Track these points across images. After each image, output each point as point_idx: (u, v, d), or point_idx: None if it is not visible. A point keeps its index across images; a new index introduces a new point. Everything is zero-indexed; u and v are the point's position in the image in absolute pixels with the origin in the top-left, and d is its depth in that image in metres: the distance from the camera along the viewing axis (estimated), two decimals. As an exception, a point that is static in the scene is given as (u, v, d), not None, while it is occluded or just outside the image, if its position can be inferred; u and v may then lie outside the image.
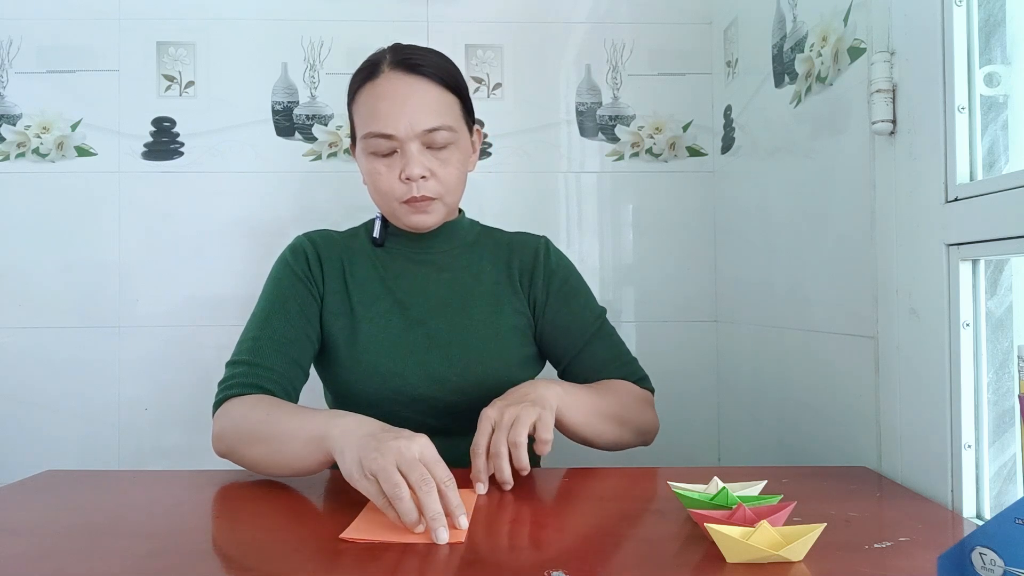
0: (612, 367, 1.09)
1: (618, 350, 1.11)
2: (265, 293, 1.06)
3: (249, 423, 0.90)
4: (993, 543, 0.49)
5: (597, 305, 1.13)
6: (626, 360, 1.10)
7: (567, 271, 1.13)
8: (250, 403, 0.93)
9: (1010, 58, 0.81)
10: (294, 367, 1.01)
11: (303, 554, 0.65)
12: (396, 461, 0.70)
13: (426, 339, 1.04)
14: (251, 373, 0.97)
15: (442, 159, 1.01)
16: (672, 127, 1.59)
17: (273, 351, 0.99)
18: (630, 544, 0.68)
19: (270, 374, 0.98)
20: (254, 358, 0.98)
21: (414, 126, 0.98)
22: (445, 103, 1.01)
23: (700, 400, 1.59)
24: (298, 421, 0.85)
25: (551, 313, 1.10)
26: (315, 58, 1.56)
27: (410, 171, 0.98)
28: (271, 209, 1.56)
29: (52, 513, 0.79)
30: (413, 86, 0.99)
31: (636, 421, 1.03)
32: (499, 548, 0.67)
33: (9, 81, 1.53)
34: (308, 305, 1.05)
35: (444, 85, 1.01)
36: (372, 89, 1.00)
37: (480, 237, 1.14)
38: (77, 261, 1.53)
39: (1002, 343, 0.80)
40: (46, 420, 1.52)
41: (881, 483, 0.89)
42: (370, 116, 1.00)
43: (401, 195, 1.01)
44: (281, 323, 1.01)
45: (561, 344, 1.10)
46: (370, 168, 1.02)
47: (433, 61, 1.02)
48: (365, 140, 1.00)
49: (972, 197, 0.77)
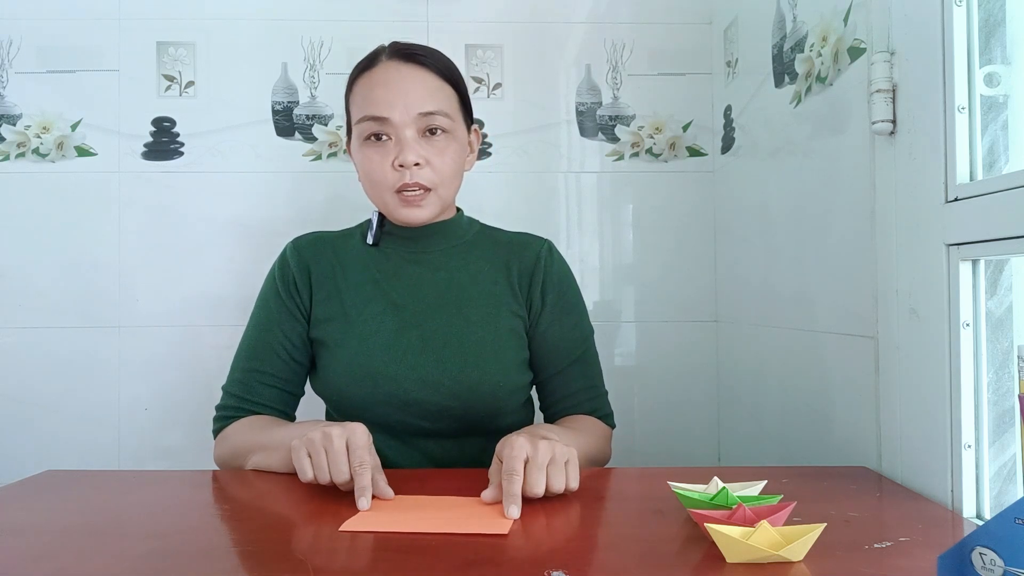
0: (582, 396, 1.10)
1: (594, 381, 1.11)
2: (254, 315, 1.09)
3: (248, 440, 0.98)
4: (993, 543, 0.49)
5: (588, 325, 1.12)
6: (598, 393, 1.11)
7: (566, 283, 1.11)
8: (248, 424, 1.02)
9: (1010, 58, 0.81)
10: (284, 395, 1.06)
11: (304, 552, 0.65)
12: (324, 444, 0.81)
13: (420, 341, 1.03)
14: (241, 408, 1.04)
15: (438, 148, 1.00)
16: (672, 127, 1.59)
17: (261, 384, 1.05)
18: (630, 544, 0.68)
19: (260, 409, 1.04)
20: (244, 391, 1.04)
21: (410, 109, 0.98)
22: (442, 91, 1.01)
23: (700, 400, 1.59)
24: (281, 436, 0.93)
25: (543, 325, 1.08)
26: (315, 58, 1.56)
27: (404, 157, 0.97)
28: (271, 209, 1.56)
29: (52, 513, 0.79)
30: (410, 73, 1.00)
31: (601, 459, 1.08)
32: (499, 548, 0.67)
33: (9, 81, 1.53)
34: (293, 330, 1.06)
35: (442, 76, 1.02)
36: (369, 77, 1.01)
37: (479, 237, 1.12)
38: (77, 261, 1.53)
39: (1002, 343, 0.80)
40: (46, 420, 1.52)
41: (881, 483, 0.89)
42: (365, 101, 1.00)
43: (394, 183, 0.99)
44: (267, 355, 1.06)
45: (543, 360, 1.09)
46: (363, 156, 1.01)
47: (431, 53, 1.03)
48: (359, 125, 1.00)
49: (972, 197, 0.77)
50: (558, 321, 1.09)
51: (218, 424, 1.04)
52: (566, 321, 1.09)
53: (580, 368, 1.10)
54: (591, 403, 1.10)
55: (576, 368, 1.09)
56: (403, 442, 1.05)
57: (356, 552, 0.66)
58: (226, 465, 1.01)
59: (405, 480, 0.86)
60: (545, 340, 1.08)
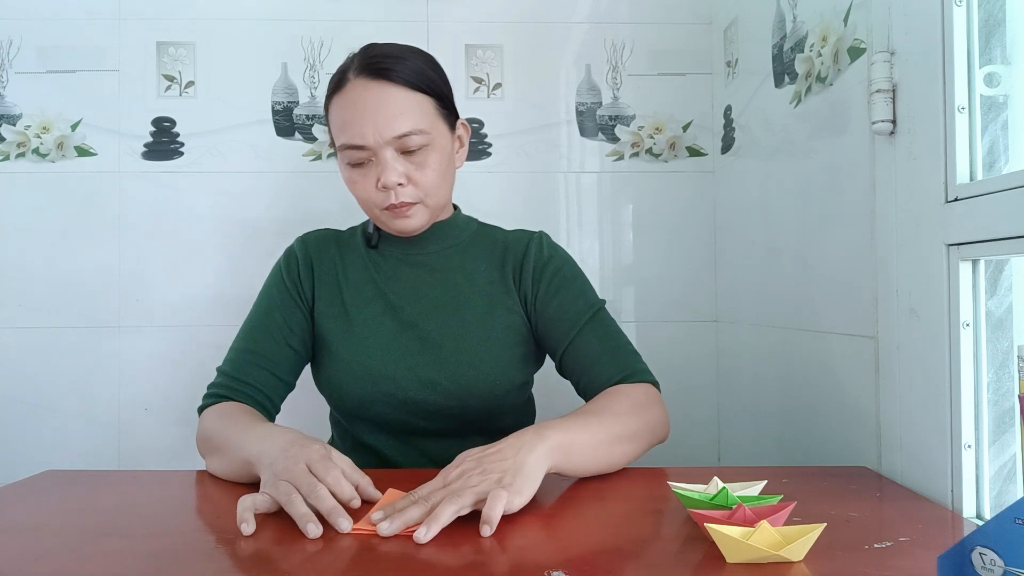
0: (606, 359, 1.01)
1: (614, 342, 1.03)
2: (256, 302, 1.09)
3: (212, 434, 0.96)
4: (993, 543, 0.49)
5: (595, 296, 1.07)
6: (622, 353, 1.02)
7: (560, 261, 1.08)
8: (218, 413, 0.99)
9: (1010, 58, 0.81)
10: (273, 380, 1.04)
11: (304, 552, 0.65)
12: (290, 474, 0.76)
13: (418, 342, 1.04)
14: (228, 386, 1.03)
15: (417, 163, 0.98)
16: (672, 127, 1.59)
17: (252, 365, 1.03)
18: (630, 544, 0.68)
19: (247, 388, 1.02)
20: (234, 370, 1.03)
21: (383, 133, 0.95)
22: (414, 105, 0.97)
23: (700, 400, 1.59)
24: (240, 440, 0.89)
25: (541, 304, 1.06)
26: (315, 58, 1.56)
27: (385, 179, 0.96)
28: (271, 209, 1.56)
29: (52, 513, 0.79)
30: (377, 92, 0.96)
31: (644, 428, 0.95)
32: (499, 548, 0.67)
33: (9, 81, 1.53)
34: (293, 316, 1.06)
35: (412, 87, 0.98)
36: (340, 99, 0.98)
37: (475, 236, 1.12)
38: (77, 261, 1.53)
39: (1002, 343, 0.80)
40: (46, 420, 1.52)
41: (881, 483, 0.89)
42: (341, 128, 0.98)
43: (380, 202, 0.99)
44: (263, 337, 1.05)
45: (553, 335, 1.05)
46: (348, 178, 1.01)
47: (401, 63, 0.98)
48: (340, 152, 1.00)
49: (972, 197, 0.77)
50: (556, 295, 1.05)
51: (205, 402, 1.03)
52: (564, 293, 1.05)
53: (593, 332, 1.03)
54: (615, 364, 1.01)
55: (589, 332, 1.03)
56: (402, 441, 1.06)
57: (356, 552, 0.66)
58: (200, 450, 0.99)
59: (404, 479, 0.86)
60: (547, 316, 1.05)
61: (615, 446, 0.90)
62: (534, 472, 0.77)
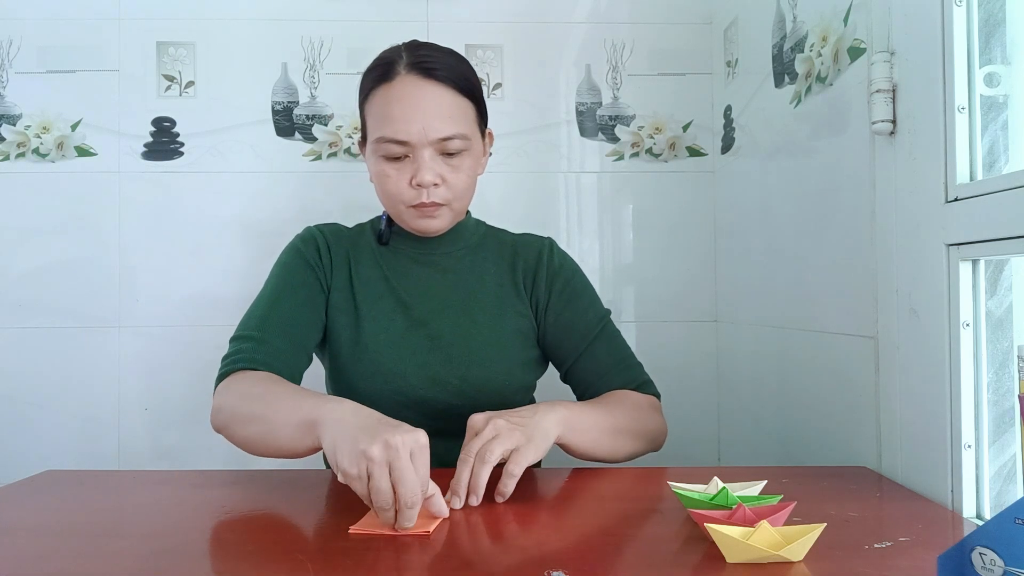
0: (614, 372, 1.07)
1: (621, 354, 1.08)
2: (273, 275, 1.06)
3: (248, 401, 0.88)
4: (993, 543, 0.49)
5: (602, 307, 1.11)
6: (629, 364, 1.08)
7: (571, 272, 1.11)
8: (252, 380, 0.92)
9: (1010, 58, 0.81)
10: (299, 351, 1.00)
11: (304, 553, 0.65)
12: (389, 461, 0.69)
13: (428, 341, 1.04)
14: (259, 350, 0.96)
15: (454, 166, 0.99)
16: (672, 127, 1.59)
17: (281, 331, 0.99)
18: (630, 544, 0.68)
19: (277, 353, 0.97)
20: (263, 335, 0.98)
21: (428, 133, 0.96)
22: (460, 109, 0.99)
23: (700, 400, 1.59)
24: (294, 403, 0.83)
25: (553, 315, 1.08)
26: (315, 58, 1.56)
27: (421, 177, 0.97)
28: (271, 209, 1.56)
29: (52, 513, 0.79)
30: (428, 92, 0.97)
31: (645, 429, 1.01)
32: (499, 548, 0.67)
33: (9, 81, 1.53)
34: (316, 293, 1.05)
35: (459, 90, 0.99)
36: (386, 92, 0.98)
37: (485, 239, 1.13)
38: (77, 261, 1.53)
39: (1002, 343, 0.80)
40: (46, 420, 1.52)
41: (881, 483, 0.89)
42: (383, 120, 0.98)
43: (410, 200, 1.00)
44: (290, 305, 1.01)
45: (563, 346, 1.08)
46: (379, 171, 1.00)
47: (449, 64, 0.99)
48: (377, 144, 0.99)
49: (972, 197, 0.77)
50: (569, 306, 1.09)
51: (225, 368, 0.95)
52: (576, 305, 1.09)
53: (603, 345, 1.08)
54: (623, 375, 1.06)
55: (599, 345, 1.07)
56: None
57: (356, 552, 0.66)
58: (222, 420, 0.90)
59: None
60: (558, 327, 1.08)
61: (617, 437, 0.96)
62: (549, 432, 0.87)
